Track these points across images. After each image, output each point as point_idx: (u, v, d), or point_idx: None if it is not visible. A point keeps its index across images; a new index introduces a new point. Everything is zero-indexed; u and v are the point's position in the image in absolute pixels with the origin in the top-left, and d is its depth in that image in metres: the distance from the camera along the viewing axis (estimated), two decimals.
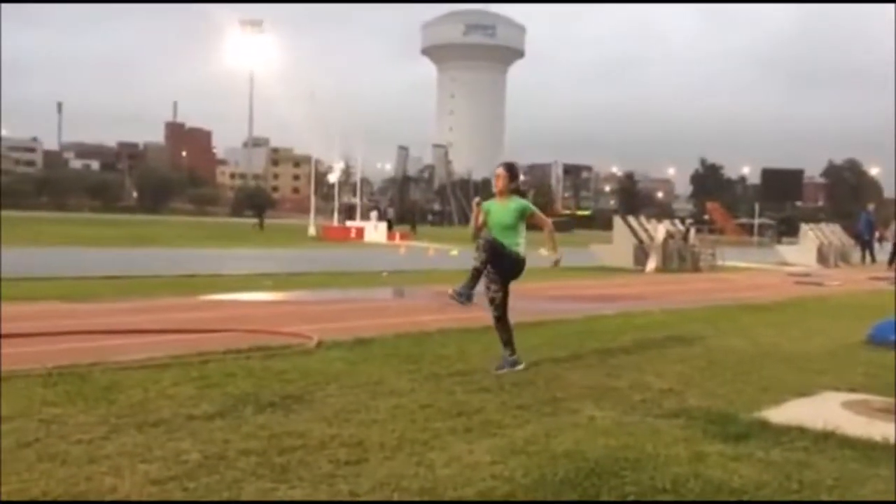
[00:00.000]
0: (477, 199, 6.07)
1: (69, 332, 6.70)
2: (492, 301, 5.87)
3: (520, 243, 5.80)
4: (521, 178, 6.32)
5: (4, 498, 2.95)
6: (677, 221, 23.55)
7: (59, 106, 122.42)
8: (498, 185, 5.95)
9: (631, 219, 21.91)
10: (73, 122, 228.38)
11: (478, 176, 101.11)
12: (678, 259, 20.52)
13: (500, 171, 5.98)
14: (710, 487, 3.33)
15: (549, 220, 6.28)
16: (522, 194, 6.14)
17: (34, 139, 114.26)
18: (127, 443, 3.64)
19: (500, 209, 5.86)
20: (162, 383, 4.85)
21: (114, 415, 4.11)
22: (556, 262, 6.27)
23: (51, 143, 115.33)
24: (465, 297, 5.62)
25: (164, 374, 5.09)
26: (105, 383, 4.78)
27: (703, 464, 3.63)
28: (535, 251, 6.35)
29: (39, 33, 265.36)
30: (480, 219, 5.92)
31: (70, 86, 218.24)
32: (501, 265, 5.76)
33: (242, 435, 3.82)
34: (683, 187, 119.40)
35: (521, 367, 5.76)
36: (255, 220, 38.92)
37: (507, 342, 5.86)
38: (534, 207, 6.00)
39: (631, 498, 3.19)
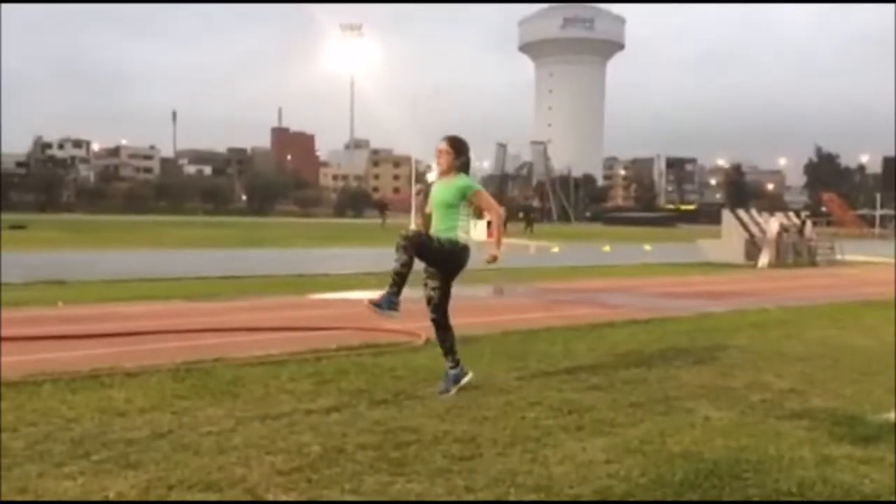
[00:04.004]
0: (419, 187, 5.21)
1: (196, 330, 7.07)
2: (428, 301, 4.92)
3: (457, 227, 4.87)
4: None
5: (148, 483, 3.16)
6: (791, 214, 22.55)
7: (174, 115, 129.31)
8: (441, 162, 5.00)
9: (741, 212, 21.14)
10: (186, 130, 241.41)
11: (577, 172, 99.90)
12: (793, 253, 19.65)
13: (443, 146, 4.96)
14: (839, 491, 3.20)
15: (499, 206, 5.25)
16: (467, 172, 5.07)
17: (152, 147, 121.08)
18: (252, 435, 3.82)
19: (443, 187, 4.96)
20: (281, 378, 5.06)
21: (238, 408, 4.33)
22: (492, 259, 5.02)
23: (167, 151, 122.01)
24: (386, 305, 4.67)
25: (282, 370, 5.31)
26: (229, 378, 5.03)
27: (831, 467, 3.48)
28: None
29: (155, 46, 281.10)
30: (427, 207, 5.08)
31: (183, 95, 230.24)
32: (434, 260, 4.84)
33: (359, 429, 3.94)
34: (794, 178, 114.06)
35: (467, 379, 4.89)
36: (380, 220, 40.64)
37: (448, 351, 4.91)
38: (479, 187, 5.01)
39: (756, 499, 3.10)
